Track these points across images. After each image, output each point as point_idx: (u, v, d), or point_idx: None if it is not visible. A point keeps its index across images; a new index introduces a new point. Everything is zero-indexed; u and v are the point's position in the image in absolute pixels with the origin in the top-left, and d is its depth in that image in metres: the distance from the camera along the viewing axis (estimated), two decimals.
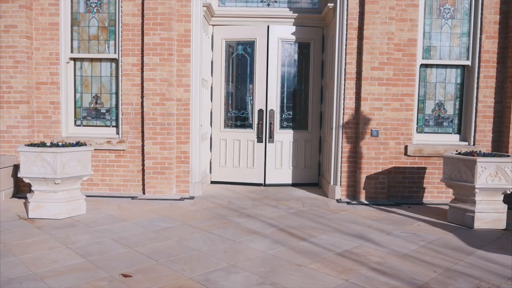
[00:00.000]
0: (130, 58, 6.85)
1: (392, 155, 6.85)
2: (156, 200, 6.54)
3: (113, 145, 6.90)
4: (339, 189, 6.89)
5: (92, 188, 6.97)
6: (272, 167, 7.79)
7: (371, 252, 4.49)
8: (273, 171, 7.80)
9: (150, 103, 6.76)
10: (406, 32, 6.75)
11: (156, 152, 6.79)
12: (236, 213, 5.94)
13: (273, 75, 7.68)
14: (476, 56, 6.84)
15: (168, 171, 6.80)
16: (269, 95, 7.70)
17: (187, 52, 6.79)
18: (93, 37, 7.04)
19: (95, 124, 7.18)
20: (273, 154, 7.78)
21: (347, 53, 6.74)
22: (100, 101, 7.14)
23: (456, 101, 7.06)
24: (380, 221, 5.71)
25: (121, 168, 6.96)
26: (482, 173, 5.36)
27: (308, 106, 7.84)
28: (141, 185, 6.94)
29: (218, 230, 5.15)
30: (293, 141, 7.84)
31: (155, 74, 6.73)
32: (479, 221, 5.45)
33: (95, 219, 5.51)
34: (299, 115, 7.90)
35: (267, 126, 7.70)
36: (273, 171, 7.80)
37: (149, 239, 4.77)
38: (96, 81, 7.12)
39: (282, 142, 7.82)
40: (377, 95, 6.67)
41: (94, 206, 6.15)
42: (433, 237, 5.05)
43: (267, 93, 7.70)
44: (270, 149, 7.77)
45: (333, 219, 5.72)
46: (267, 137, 7.73)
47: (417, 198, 6.91)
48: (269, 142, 7.74)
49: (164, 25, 6.68)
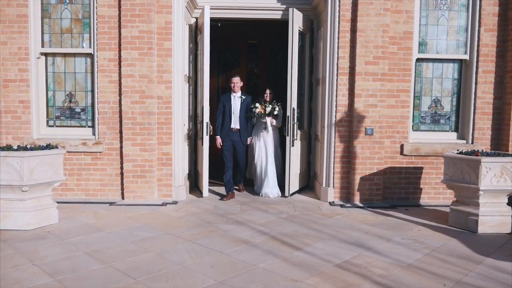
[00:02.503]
0: (107, 52, 6.33)
1: (387, 155, 6.47)
2: (136, 206, 6.05)
3: (89, 146, 6.39)
4: (332, 191, 6.49)
5: (66, 193, 6.44)
6: None
7: (372, 263, 4.09)
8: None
9: (128, 101, 6.26)
10: (401, 24, 6.38)
11: (135, 154, 6.29)
12: (223, 219, 5.50)
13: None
14: (474, 50, 6.50)
15: (149, 174, 6.31)
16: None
17: (168, 46, 6.31)
18: (66, 30, 6.50)
19: (70, 124, 6.65)
20: None
21: (340, 47, 6.33)
22: (75, 100, 6.61)
23: (454, 97, 6.71)
24: (377, 226, 5.32)
25: (98, 171, 6.45)
26: (486, 174, 5.01)
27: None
28: (119, 189, 6.44)
29: (203, 239, 4.70)
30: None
31: (134, 70, 6.23)
32: (483, 225, 5.09)
33: (68, 229, 5.00)
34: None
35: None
36: None
37: (127, 252, 4.29)
38: (70, 77, 6.59)
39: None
40: (371, 91, 6.28)
41: (67, 214, 5.63)
42: (436, 244, 4.68)
43: None
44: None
45: (327, 225, 5.31)
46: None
47: (413, 199, 6.55)
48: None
49: (143, 16, 6.18)
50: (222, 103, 6.79)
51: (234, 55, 10.34)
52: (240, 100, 6.75)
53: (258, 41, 10.13)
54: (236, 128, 6.74)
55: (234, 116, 6.71)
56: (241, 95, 6.78)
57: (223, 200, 6.53)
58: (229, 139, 6.75)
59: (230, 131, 6.76)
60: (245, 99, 6.80)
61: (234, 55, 10.35)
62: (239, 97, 6.76)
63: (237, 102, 6.74)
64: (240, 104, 6.74)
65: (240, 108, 6.74)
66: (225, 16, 7.07)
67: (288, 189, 6.66)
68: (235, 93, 6.74)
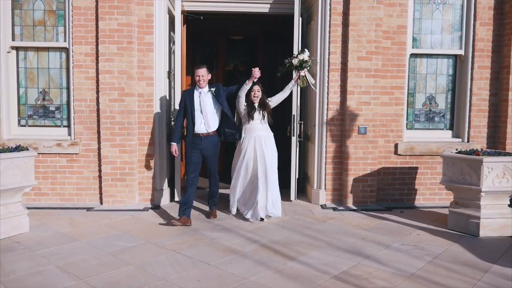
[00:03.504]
0: (83, 47, 5.89)
1: (381, 155, 6.18)
2: (116, 212, 5.63)
3: (65, 148, 5.94)
4: (324, 194, 6.17)
5: (40, 198, 5.99)
6: None
7: (373, 273, 3.78)
8: None
9: (107, 99, 5.83)
10: (395, 18, 6.08)
11: (114, 155, 5.87)
12: (210, 226, 5.13)
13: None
14: (469, 45, 6.24)
15: (129, 177, 5.89)
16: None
17: (149, 40, 5.90)
18: (38, 22, 6.04)
19: (43, 124, 6.19)
20: None
21: (331, 41, 6.01)
22: (49, 97, 6.16)
23: (448, 94, 6.46)
24: (373, 230, 5.02)
25: (74, 174, 6.01)
26: (488, 174, 4.74)
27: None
28: (98, 194, 6.01)
29: (189, 249, 4.32)
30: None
31: (112, 66, 5.80)
32: (485, 228, 4.83)
33: (39, 239, 4.57)
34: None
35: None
36: None
37: (104, 265, 3.89)
38: (43, 73, 6.13)
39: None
40: (364, 88, 5.97)
41: (40, 221, 5.19)
42: (438, 250, 4.39)
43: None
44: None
45: (321, 230, 4.98)
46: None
47: (408, 201, 6.28)
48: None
49: (122, 8, 5.76)
50: (183, 101, 5.39)
51: (214, 50, 9.75)
52: (211, 95, 5.35)
53: (244, 36, 9.74)
54: (205, 133, 5.28)
55: (204, 116, 5.27)
56: (209, 89, 5.36)
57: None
58: (196, 148, 5.27)
59: (197, 138, 5.28)
60: (216, 90, 5.35)
61: (214, 51, 9.75)
62: (207, 91, 5.34)
63: (205, 98, 5.31)
64: (213, 98, 5.35)
65: (214, 103, 5.36)
66: (207, 9, 6.62)
67: (295, 193, 6.30)
68: (201, 89, 5.32)
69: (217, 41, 8.93)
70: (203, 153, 5.32)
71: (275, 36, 8.92)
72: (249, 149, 5.44)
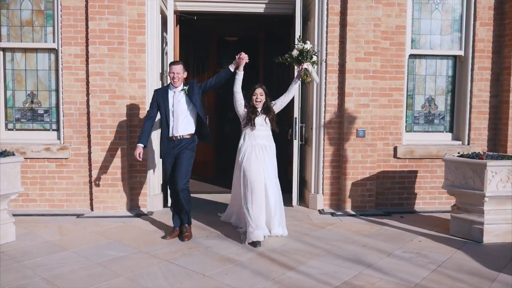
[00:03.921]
0: (73, 48, 5.69)
1: (380, 158, 6.03)
2: (107, 218, 5.43)
3: (54, 152, 5.74)
4: (321, 198, 6.01)
5: (28, 205, 5.77)
6: None
7: (376, 284, 3.61)
8: None
9: (97, 102, 5.64)
10: (393, 18, 5.94)
11: (106, 160, 5.67)
12: (205, 233, 4.94)
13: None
14: (469, 46, 6.11)
15: (120, 182, 5.69)
16: None
17: (141, 41, 5.72)
18: (26, 22, 5.83)
19: (31, 127, 5.97)
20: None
21: (328, 42, 5.85)
22: (37, 100, 5.95)
23: (448, 95, 6.32)
24: (374, 237, 4.86)
25: (63, 180, 5.80)
26: (492, 178, 4.60)
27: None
28: (88, 199, 5.80)
29: (183, 259, 4.13)
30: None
31: (103, 67, 5.61)
32: (489, 234, 4.68)
33: (26, 249, 4.36)
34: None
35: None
36: None
37: (93, 276, 3.70)
38: (31, 75, 5.92)
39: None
40: (363, 89, 5.82)
41: (28, 229, 4.98)
42: (441, 257, 4.23)
43: None
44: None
45: (320, 237, 4.81)
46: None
47: (408, 205, 6.12)
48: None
49: (113, 8, 5.57)
50: (155, 100, 4.82)
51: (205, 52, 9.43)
52: (184, 94, 4.77)
53: (243, 37, 9.55)
54: (179, 136, 4.72)
55: (175, 118, 4.71)
56: (182, 87, 4.79)
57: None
58: (171, 154, 4.75)
59: (171, 142, 4.74)
60: (189, 88, 4.75)
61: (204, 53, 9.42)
62: (181, 90, 4.77)
63: (179, 98, 4.74)
64: (186, 98, 4.76)
65: (188, 103, 4.76)
66: (201, 9, 6.47)
67: (297, 199, 6.13)
68: (175, 88, 4.77)
69: (211, 41, 8.73)
70: (176, 158, 4.75)
71: (273, 37, 8.73)
72: (247, 158, 4.75)
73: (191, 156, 4.78)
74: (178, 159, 4.70)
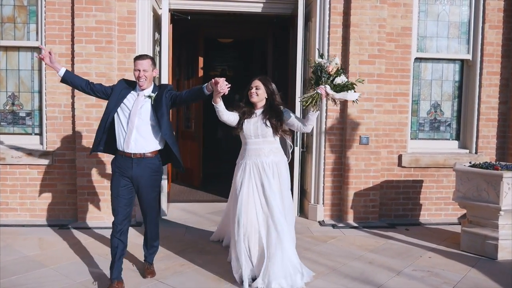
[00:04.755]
0: (57, 46, 5.31)
1: (384, 167, 5.70)
2: (92, 229, 5.05)
3: (36, 158, 5.34)
4: (322, 209, 5.66)
5: (7, 214, 5.37)
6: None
7: None
8: None
9: (83, 105, 5.26)
10: (399, 19, 5.63)
11: (92, 166, 5.28)
12: (197, 247, 4.57)
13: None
14: (478, 49, 5.81)
15: (107, 191, 5.29)
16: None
17: (131, 40, 5.35)
18: (7, 19, 5.45)
19: (12, 131, 5.57)
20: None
21: (330, 44, 5.53)
22: (18, 102, 5.56)
23: (455, 101, 6.01)
24: (380, 252, 4.51)
25: (46, 188, 5.40)
26: (508, 191, 4.28)
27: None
28: (72, 209, 5.41)
29: (173, 277, 3.76)
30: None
31: (90, 67, 5.24)
32: (504, 250, 4.36)
33: (2, 265, 3.96)
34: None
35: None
36: None
37: None
38: (12, 76, 5.53)
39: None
40: (366, 94, 5.48)
41: (5, 241, 4.59)
42: (455, 277, 3.90)
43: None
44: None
45: (323, 253, 4.46)
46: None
47: (413, 217, 5.80)
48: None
49: (101, 4, 5.20)
50: (113, 88, 3.72)
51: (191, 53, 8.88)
52: (150, 101, 3.60)
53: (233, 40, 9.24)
54: (137, 154, 3.55)
55: (128, 129, 3.55)
56: (150, 93, 3.62)
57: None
58: (125, 176, 3.56)
59: (126, 160, 3.55)
60: (157, 97, 3.60)
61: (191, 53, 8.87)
62: (147, 96, 3.61)
63: (140, 104, 3.59)
64: (151, 105, 3.60)
65: (151, 114, 3.59)
66: (196, 8, 6.09)
67: (298, 209, 5.81)
68: (141, 90, 3.62)
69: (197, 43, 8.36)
70: (134, 183, 3.58)
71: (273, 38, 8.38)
72: (239, 182, 3.67)
73: (159, 180, 3.78)
74: (142, 183, 3.59)
